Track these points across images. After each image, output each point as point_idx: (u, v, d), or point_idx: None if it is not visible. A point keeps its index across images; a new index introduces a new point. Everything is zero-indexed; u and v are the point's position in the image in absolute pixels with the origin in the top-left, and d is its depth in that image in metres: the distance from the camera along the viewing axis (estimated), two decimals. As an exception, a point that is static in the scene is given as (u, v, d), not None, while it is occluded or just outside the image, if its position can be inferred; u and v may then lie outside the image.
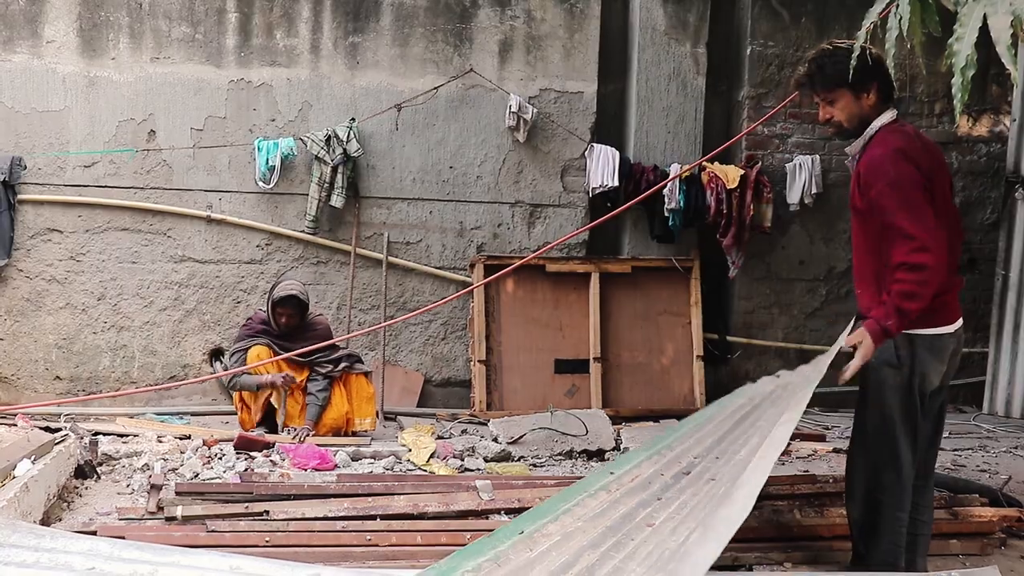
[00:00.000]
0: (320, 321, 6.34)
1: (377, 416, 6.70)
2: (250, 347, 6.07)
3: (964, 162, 7.98)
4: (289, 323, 6.07)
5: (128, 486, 5.02)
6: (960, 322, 3.61)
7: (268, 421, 6.14)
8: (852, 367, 3.37)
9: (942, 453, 6.25)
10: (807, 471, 5.59)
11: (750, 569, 4.08)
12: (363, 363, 6.40)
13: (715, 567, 4.04)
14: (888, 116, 3.53)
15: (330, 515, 4.34)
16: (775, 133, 7.68)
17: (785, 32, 7.67)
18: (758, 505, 4.68)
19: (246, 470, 5.13)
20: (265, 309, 6.18)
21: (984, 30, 3.05)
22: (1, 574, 2.43)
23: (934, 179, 3.44)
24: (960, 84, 3.40)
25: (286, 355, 5.93)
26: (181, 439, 5.89)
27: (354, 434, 6.15)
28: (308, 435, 5.91)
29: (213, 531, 4.18)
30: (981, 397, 7.87)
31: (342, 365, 6.16)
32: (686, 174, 7.21)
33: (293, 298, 6.04)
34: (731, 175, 7.33)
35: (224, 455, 5.50)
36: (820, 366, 3.70)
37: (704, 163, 7.20)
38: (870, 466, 3.60)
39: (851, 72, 3.35)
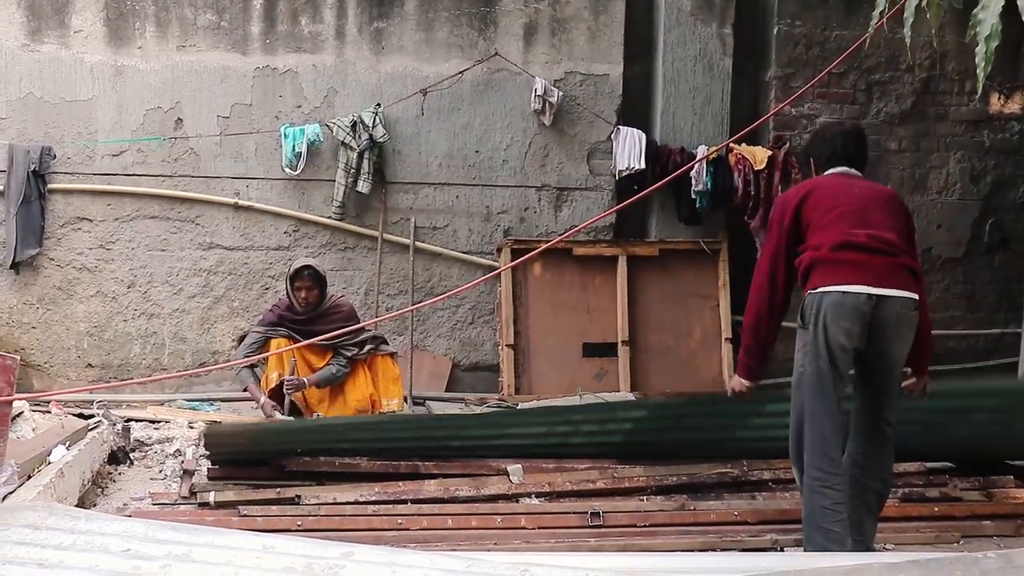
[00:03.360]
0: (343, 304, 6.31)
1: (405, 400, 6.72)
2: (269, 338, 6.02)
3: (996, 140, 7.87)
4: (309, 297, 6.00)
5: (161, 471, 5.07)
6: (887, 292, 3.63)
7: (295, 407, 6.14)
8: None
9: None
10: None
11: (782, 550, 4.07)
12: (388, 345, 6.40)
13: (753, 549, 4.06)
14: (827, 172, 3.99)
15: (361, 499, 4.37)
16: (803, 114, 7.61)
17: (812, 11, 7.59)
18: (794, 488, 4.68)
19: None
20: (287, 293, 6.19)
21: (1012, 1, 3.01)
22: (39, 556, 2.45)
23: (818, 192, 3.83)
24: (983, 54, 3.36)
25: (309, 341, 5.85)
26: (211, 425, 5.92)
27: None
28: (304, 386, 5.90)
29: (245, 515, 4.22)
30: (1014, 378, 7.78)
31: (367, 348, 6.14)
32: (713, 156, 7.16)
33: (308, 267, 6.00)
34: (758, 156, 7.28)
35: (254, 440, 5.53)
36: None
37: (731, 144, 7.15)
38: (795, 427, 3.73)
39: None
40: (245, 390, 6.06)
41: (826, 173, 3.98)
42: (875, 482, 3.80)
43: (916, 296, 3.68)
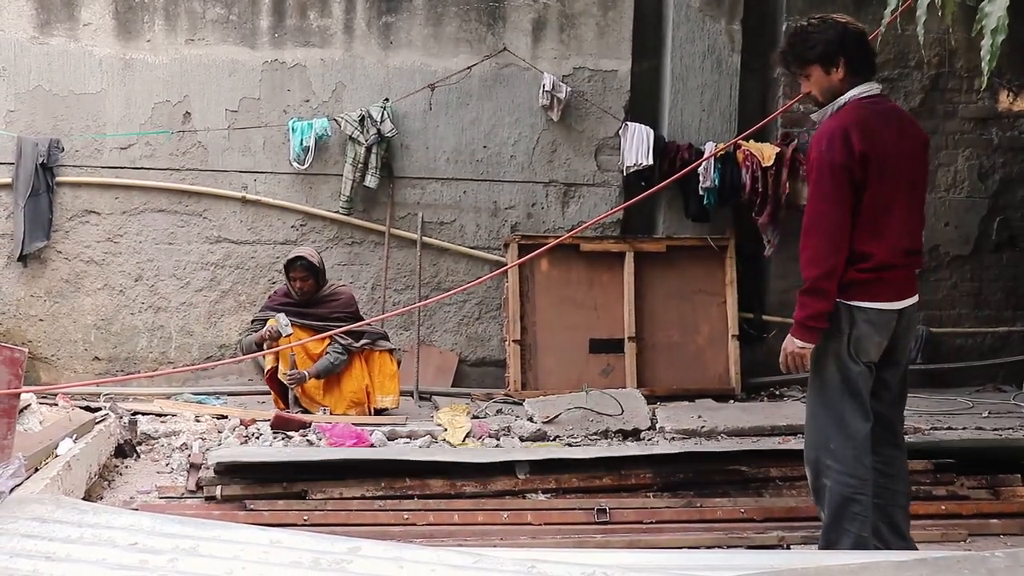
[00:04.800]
0: (343, 291, 6.41)
1: (412, 396, 6.73)
2: (266, 319, 6.15)
3: (1004, 138, 7.85)
4: (303, 287, 6.15)
5: (167, 465, 5.08)
6: (909, 302, 3.58)
7: (296, 399, 6.18)
8: (781, 361, 3.59)
9: (983, 433, 6.20)
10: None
11: (788, 548, 4.06)
12: (388, 341, 6.42)
13: (759, 546, 4.05)
14: (862, 89, 3.56)
15: (367, 495, 4.37)
16: (811, 110, 7.57)
17: (821, 7, 7.49)
18: (801, 485, 4.67)
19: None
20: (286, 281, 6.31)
21: None
22: (47, 548, 2.46)
23: (885, 161, 3.44)
24: (989, 47, 3.34)
25: (305, 340, 5.91)
26: (218, 419, 5.94)
27: (377, 411, 6.17)
28: (305, 379, 6.05)
29: (252, 510, 4.22)
30: (1021, 377, 7.77)
31: (362, 341, 6.19)
32: (721, 152, 7.15)
33: (300, 259, 6.17)
34: (767, 153, 7.26)
35: (261, 434, 5.55)
36: None
37: (739, 141, 7.13)
38: (819, 432, 3.61)
39: (818, 48, 3.55)
40: (256, 346, 6.19)
41: (862, 95, 3.54)
42: (901, 484, 3.72)
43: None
